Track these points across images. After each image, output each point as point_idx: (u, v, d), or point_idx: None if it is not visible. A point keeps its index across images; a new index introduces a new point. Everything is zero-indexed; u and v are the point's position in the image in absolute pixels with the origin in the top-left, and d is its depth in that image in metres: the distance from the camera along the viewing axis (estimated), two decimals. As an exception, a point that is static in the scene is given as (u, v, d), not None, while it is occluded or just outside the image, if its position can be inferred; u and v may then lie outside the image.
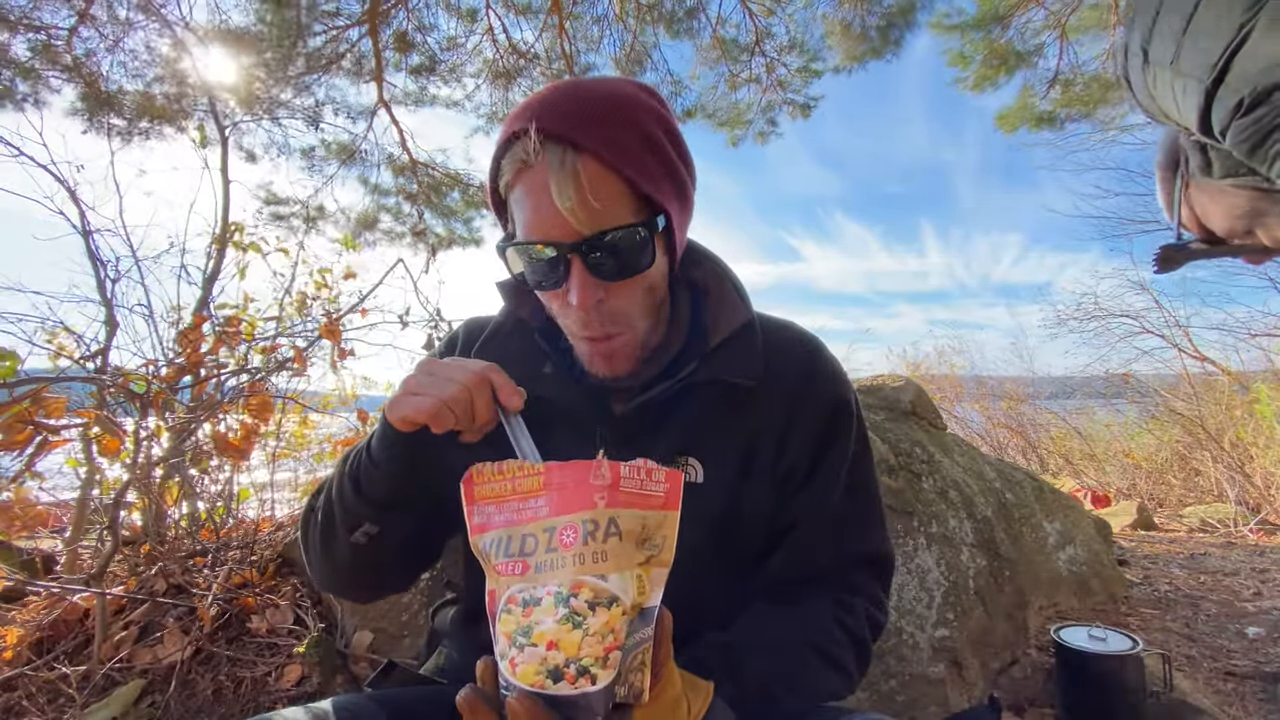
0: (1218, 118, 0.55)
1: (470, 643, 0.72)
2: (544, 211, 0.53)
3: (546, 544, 0.44)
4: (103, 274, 1.60)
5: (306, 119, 4.43)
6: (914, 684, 1.24)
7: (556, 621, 0.40)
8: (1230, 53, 0.52)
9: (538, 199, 0.54)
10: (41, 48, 3.53)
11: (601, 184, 0.53)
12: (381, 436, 0.56)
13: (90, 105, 3.73)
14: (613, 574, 0.42)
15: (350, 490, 0.58)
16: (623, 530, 0.43)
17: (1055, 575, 1.93)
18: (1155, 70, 0.61)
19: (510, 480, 0.47)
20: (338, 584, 0.68)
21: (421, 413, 0.51)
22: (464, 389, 0.52)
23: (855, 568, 0.68)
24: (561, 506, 0.45)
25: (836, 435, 0.67)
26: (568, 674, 0.38)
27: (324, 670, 1.24)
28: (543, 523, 0.45)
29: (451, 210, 5.18)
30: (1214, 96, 0.55)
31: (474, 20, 4.30)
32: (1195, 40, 0.55)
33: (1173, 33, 0.58)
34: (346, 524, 0.59)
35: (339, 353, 1.81)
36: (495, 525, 0.46)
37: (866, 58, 4.36)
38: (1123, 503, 3.69)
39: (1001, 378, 5.91)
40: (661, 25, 4.40)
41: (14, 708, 1.14)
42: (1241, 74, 0.51)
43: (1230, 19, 0.52)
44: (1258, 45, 0.50)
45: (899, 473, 1.51)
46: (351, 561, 0.62)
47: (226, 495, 1.72)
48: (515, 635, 0.40)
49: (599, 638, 0.40)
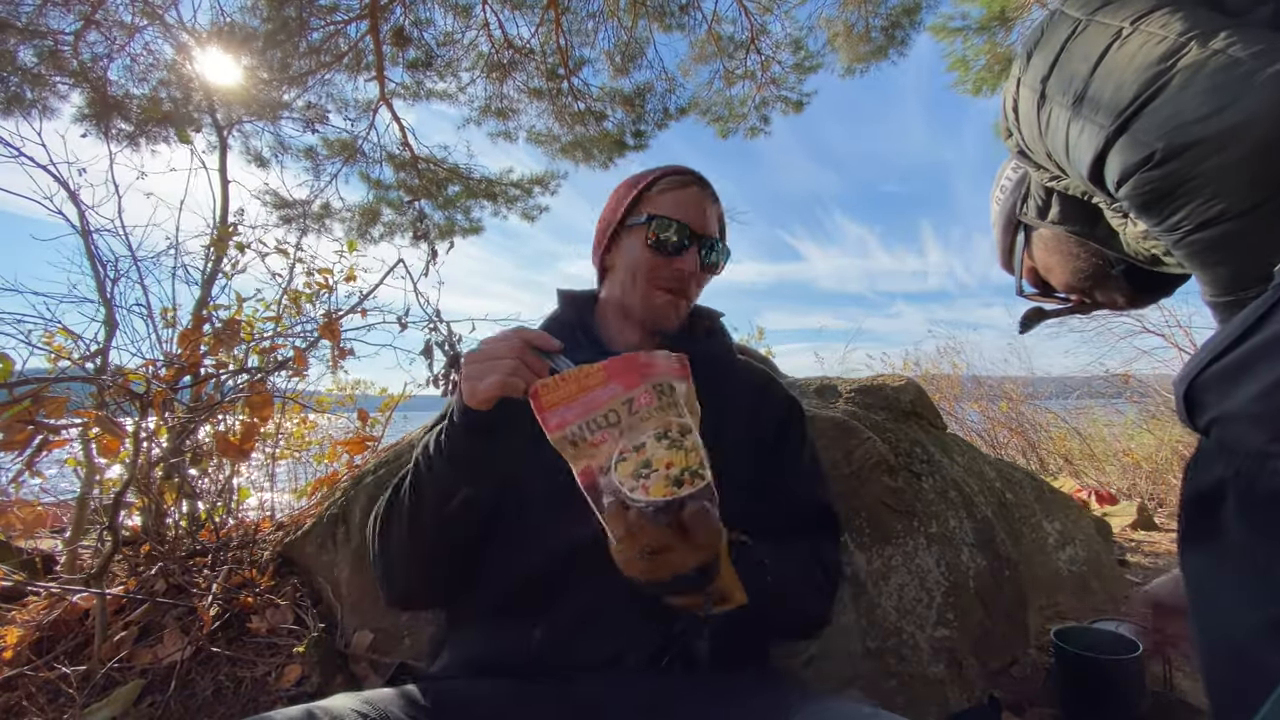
0: (1115, 165, 0.54)
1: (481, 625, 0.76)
2: (694, 212, 0.86)
3: (628, 411, 0.59)
4: (102, 274, 1.60)
5: (308, 119, 4.43)
6: (914, 684, 1.24)
7: (665, 449, 0.56)
8: (1142, 103, 0.50)
9: (693, 205, 0.86)
10: (48, 53, 3.53)
11: (718, 218, 0.90)
12: (465, 423, 0.68)
13: (97, 110, 3.74)
14: (685, 414, 0.60)
15: (442, 464, 0.69)
16: (675, 389, 0.62)
17: (1055, 575, 1.92)
18: (1052, 108, 0.60)
19: (575, 383, 0.61)
20: (423, 575, 0.76)
21: (494, 388, 0.63)
22: (514, 356, 0.64)
23: (821, 518, 0.84)
24: (629, 384, 0.60)
25: (795, 416, 0.90)
26: (685, 479, 0.55)
27: (324, 670, 1.24)
28: (620, 398, 0.59)
29: (451, 201, 5.18)
30: (1113, 144, 0.53)
31: (469, 16, 4.30)
32: (1104, 83, 0.54)
33: (1077, 74, 0.57)
34: (443, 494, 0.70)
35: (339, 352, 1.81)
36: (573, 419, 0.59)
37: (872, 59, 4.36)
38: (1123, 503, 3.68)
39: (1001, 378, 5.90)
40: (655, 21, 4.39)
41: (14, 708, 1.14)
42: (1152, 126, 0.49)
43: (1146, 69, 0.50)
44: (1173, 100, 0.48)
45: (899, 473, 1.51)
46: (443, 539, 0.72)
47: (226, 495, 1.73)
48: (638, 470, 0.55)
49: (695, 451, 0.57)
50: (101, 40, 3.58)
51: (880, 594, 1.33)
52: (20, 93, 3.51)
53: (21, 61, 3.42)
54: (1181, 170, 0.48)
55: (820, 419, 1.48)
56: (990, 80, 4.32)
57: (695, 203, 0.86)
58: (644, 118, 5.01)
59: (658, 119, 5.06)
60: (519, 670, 0.69)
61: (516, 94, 4.78)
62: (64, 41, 3.46)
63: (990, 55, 4.22)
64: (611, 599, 0.71)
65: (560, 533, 0.74)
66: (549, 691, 0.67)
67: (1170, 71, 0.49)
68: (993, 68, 4.25)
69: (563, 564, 0.74)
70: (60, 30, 3.45)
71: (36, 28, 3.36)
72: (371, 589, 1.32)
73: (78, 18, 3.42)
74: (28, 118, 3.51)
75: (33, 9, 3.31)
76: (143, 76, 3.84)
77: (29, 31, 3.33)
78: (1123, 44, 0.53)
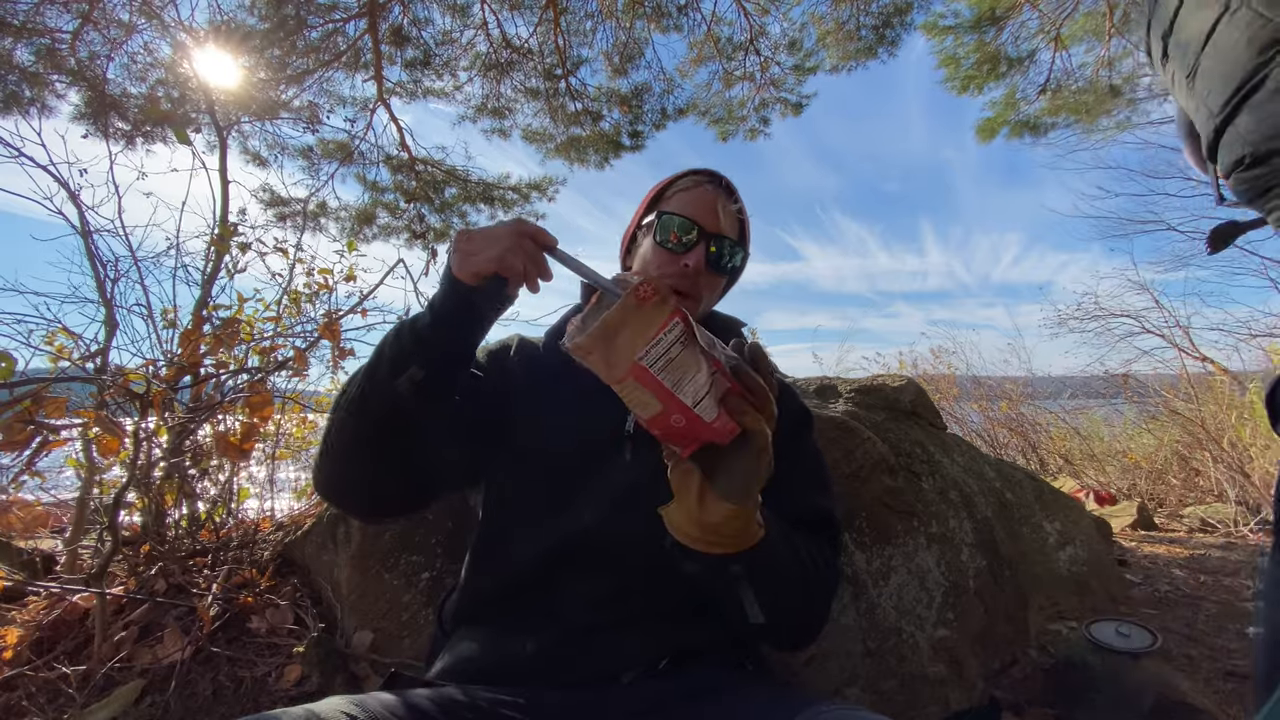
0: (1222, 160, 0.54)
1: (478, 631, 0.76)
2: (705, 209, 0.84)
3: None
4: (102, 274, 1.60)
5: (306, 118, 4.42)
6: (914, 684, 1.24)
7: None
8: (1243, 97, 0.49)
9: (703, 203, 0.84)
10: (45, 51, 3.51)
11: (736, 217, 0.87)
12: (450, 292, 0.65)
13: (95, 109, 3.73)
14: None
15: (408, 336, 0.66)
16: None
17: (1055, 575, 1.93)
18: (1174, 71, 0.59)
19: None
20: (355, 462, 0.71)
21: (491, 261, 0.61)
22: (515, 236, 0.62)
23: (823, 522, 0.82)
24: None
25: (806, 425, 0.91)
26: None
27: (324, 670, 1.24)
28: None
29: (449, 204, 5.19)
30: (1220, 136, 0.53)
31: (467, 15, 4.30)
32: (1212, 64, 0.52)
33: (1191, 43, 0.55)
34: (392, 370, 0.65)
35: (339, 352, 1.81)
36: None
37: (860, 58, 4.36)
38: (1123, 503, 3.69)
39: (1000, 378, 5.91)
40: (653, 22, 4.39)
41: (14, 707, 1.14)
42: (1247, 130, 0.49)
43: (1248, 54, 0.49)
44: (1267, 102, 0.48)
45: (899, 473, 1.51)
46: (384, 423, 0.67)
47: (226, 495, 1.72)
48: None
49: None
50: (99, 39, 3.57)
51: (880, 594, 1.33)
52: (18, 91, 3.51)
53: (19, 60, 3.41)
54: (1268, 174, 0.49)
55: (820, 419, 1.48)
56: (979, 79, 4.32)
57: (706, 200, 0.84)
58: (641, 118, 5.01)
59: (655, 119, 5.06)
60: (514, 679, 0.69)
61: (513, 93, 4.78)
62: (61, 40, 3.45)
63: (980, 54, 4.22)
64: (606, 615, 0.72)
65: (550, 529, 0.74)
66: (544, 700, 0.67)
67: (1269, 66, 0.48)
68: (982, 66, 4.26)
69: (550, 564, 0.74)
70: (58, 28, 3.44)
71: (34, 26, 3.35)
72: (372, 589, 1.32)
73: (75, 16, 3.41)
74: (26, 116, 3.50)
75: (30, 7, 3.30)
76: (141, 75, 3.84)
77: (26, 30, 3.31)
78: (1231, 19, 0.51)
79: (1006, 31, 4.14)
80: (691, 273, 0.81)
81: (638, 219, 0.91)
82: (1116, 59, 4.07)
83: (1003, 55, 4.20)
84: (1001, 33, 4.14)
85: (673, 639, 0.71)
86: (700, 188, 0.86)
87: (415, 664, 1.21)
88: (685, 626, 0.73)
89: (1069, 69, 4.21)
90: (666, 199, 0.87)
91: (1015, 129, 4.54)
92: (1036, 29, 4.12)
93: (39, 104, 3.58)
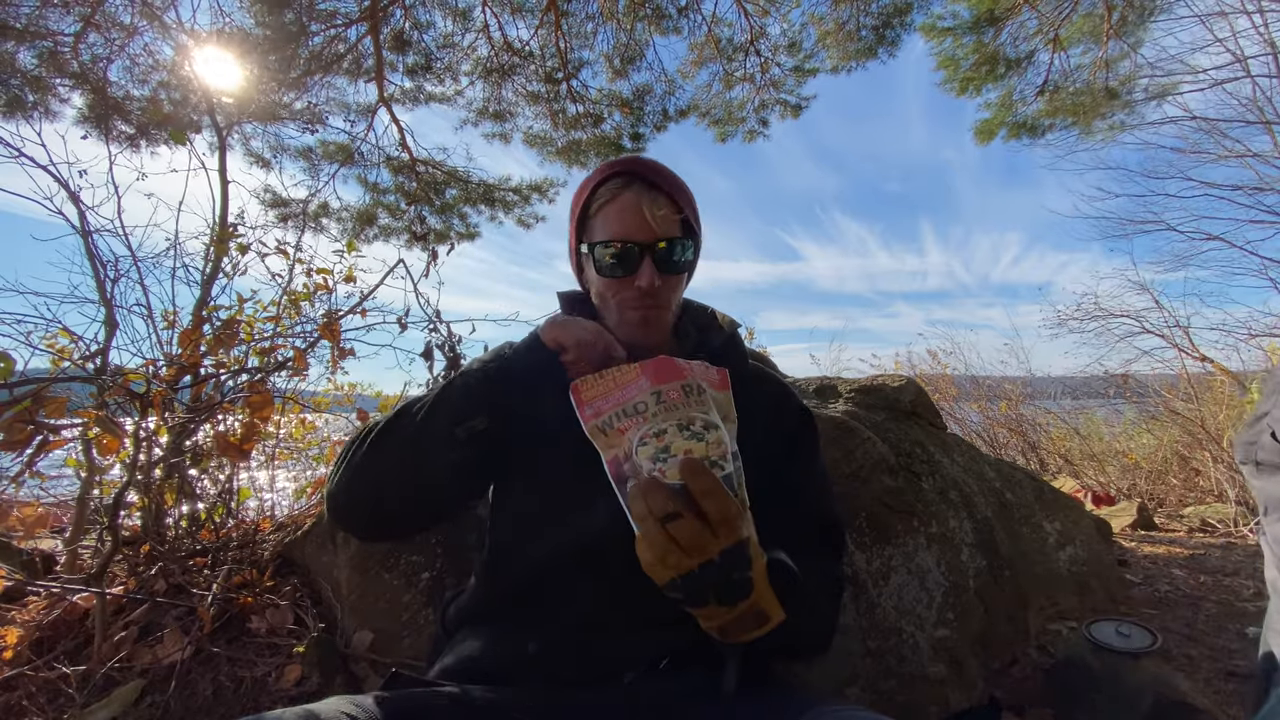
0: None
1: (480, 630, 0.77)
2: (633, 221, 0.78)
3: (656, 401, 0.62)
4: (102, 274, 1.60)
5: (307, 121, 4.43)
6: (914, 684, 1.24)
7: (684, 439, 0.58)
8: None
9: (629, 214, 0.79)
10: (48, 55, 3.52)
11: (670, 212, 0.80)
12: (529, 346, 0.77)
13: (97, 112, 3.74)
14: (712, 413, 0.62)
15: (477, 383, 0.75)
16: (705, 392, 0.64)
17: (1055, 575, 1.92)
18: None
19: (611, 380, 0.67)
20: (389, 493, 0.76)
21: (572, 337, 0.73)
22: (598, 334, 0.76)
23: (828, 532, 0.83)
24: (660, 379, 0.64)
25: (807, 427, 0.89)
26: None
27: (324, 670, 1.24)
28: (648, 390, 0.63)
29: (449, 205, 5.20)
30: None
31: (468, 19, 4.30)
32: None
33: None
34: (455, 418, 0.73)
35: (339, 353, 1.81)
36: (608, 409, 0.63)
37: (860, 59, 4.36)
38: (1123, 503, 3.68)
39: (1000, 378, 5.91)
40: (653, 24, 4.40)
41: (14, 708, 1.14)
42: None
43: None
44: None
45: (899, 473, 1.51)
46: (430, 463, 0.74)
47: (226, 495, 1.72)
48: (656, 456, 0.57)
49: (717, 445, 0.58)
50: (101, 41, 3.58)
51: (880, 594, 1.33)
52: (21, 96, 3.52)
53: (22, 64, 3.42)
54: None
55: (820, 419, 1.48)
56: (977, 80, 4.33)
57: (631, 209, 0.78)
58: (643, 120, 5.01)
59: (656, 121, 5.07)
60: (514, 680, 0.69)
61: (514, 97, 4.79)
62: (63, 43, 3.46)
63: (979, 55, 4.23)
64: (611, 615, 0.72)
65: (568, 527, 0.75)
66: (544, 701, 0.67)
67: None
68: (980, 68, 4.26)
69: (565, 563, 0.74)
70: (60, 31, 3.45)
71: (36, 29, 3.35)
72: (372, 589, 1.32)
73: (77, 19, 3.42)
74: (29, 120, 3.50)
75: (32, 10, 3.31)
76: (143, 78, 3.85)
77: (29, 33, 3.32)
78: None
79: (1005, 32, 4.15)
80: (648, 290, 0.79)
81: (574, 240, 0.87)
82: (1114, 61, 4.09)
83: (1001, 56, 4.21)
84: (1000, 34, 4.15)
85: (674, 640, 0.71)
86: (621, 196, 0.79)
87: (415, 664, 1.21)
88: (687, 627, 0.73)
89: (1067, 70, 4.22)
90: (592, 219, 0.82)
91: (1013, 130, 4.55)
92: (1035, 29, 4.13)
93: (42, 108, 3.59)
